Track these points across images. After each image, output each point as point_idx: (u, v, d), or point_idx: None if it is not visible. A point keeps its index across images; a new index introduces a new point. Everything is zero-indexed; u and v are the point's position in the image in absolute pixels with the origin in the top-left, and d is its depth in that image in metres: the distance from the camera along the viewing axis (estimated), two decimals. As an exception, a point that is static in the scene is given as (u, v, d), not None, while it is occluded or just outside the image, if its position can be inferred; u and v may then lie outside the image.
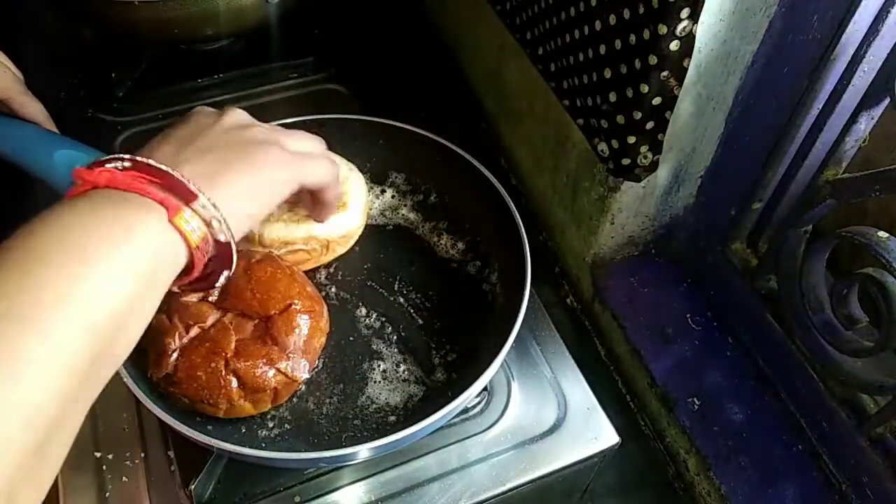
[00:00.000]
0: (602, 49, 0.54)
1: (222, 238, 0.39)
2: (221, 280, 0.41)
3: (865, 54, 0.46)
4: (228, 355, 0.51)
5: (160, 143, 0.41)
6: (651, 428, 0.68)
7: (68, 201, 0.36)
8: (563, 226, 0.76)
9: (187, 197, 0.37)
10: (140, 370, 0.52)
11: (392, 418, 0.55)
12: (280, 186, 0.44)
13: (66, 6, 0.78)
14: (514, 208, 0.60)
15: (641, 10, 0.48)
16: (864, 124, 0.49)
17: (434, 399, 0.54)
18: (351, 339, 0.59)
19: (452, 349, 0.59)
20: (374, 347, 0.59)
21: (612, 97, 0.55)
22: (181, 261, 0.38)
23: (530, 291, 0.55)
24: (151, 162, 0.37)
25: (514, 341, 0.52)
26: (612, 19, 0.51)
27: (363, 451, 0.48)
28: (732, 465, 0.59)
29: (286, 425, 0.54)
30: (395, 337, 0.60)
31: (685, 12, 0.46)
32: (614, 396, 0.71)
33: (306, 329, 0.53)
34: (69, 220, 0.34)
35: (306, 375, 0.54)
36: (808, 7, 0.49)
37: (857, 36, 0.47)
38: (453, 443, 0.58)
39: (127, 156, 0.38)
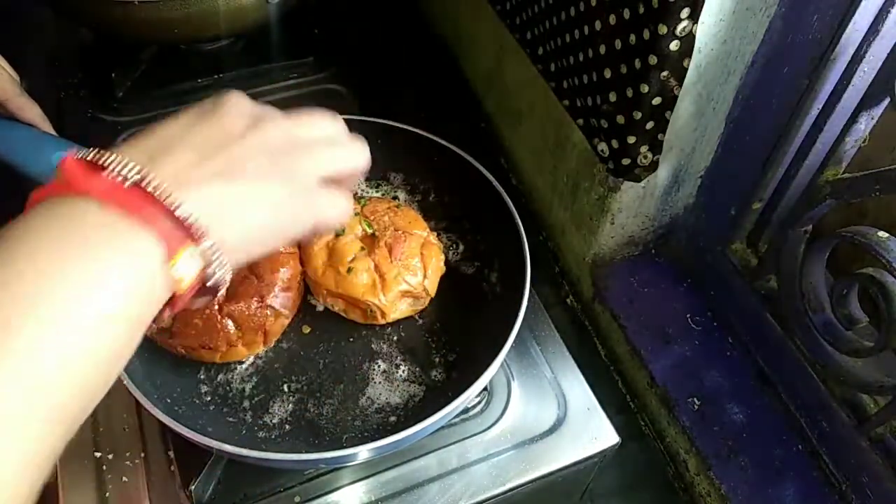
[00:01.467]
0: (602, 49, 0.54)
1: (212, 282, 0.34)
2: (199, 302, 0.37)
3: (865, 54, 0.46)
4: (221, 300, 0.53)
5: (176, 146, 0.34)
6: (651, 428, 0.68)
7: (48, 205, 0.30)
8: (563, 226, 0.76)
9: (193, 236, 0.32)
10: (139, 370, 0.52)
11: (392, 419, 0.55)
12: (293, 231, 0.38)
13: (66, 6, 0.78)
14: (514, 208, 0.60)
15: (641, 10, 0.48)
16: (864, 124, 0.49)
17: (434, 399, 0.54)
18: (351, 339, 0.59)
19: (452, 349, 0.59)
20: (375, 347, 0.59)
21: (612, 97, 0.55)
22: (164, 299, 0.32)
23: (530, 291, 0.55)
24: (161, 187, 0.31)
25: (514, 341, 0.52)
26: (612, 19, 0.51)
27: (364, 452, 0.48)
28: (732, 465, 0.59)
29: (286, 426, 0.54)
30: (395, 337, 0.60)
31: (685, 12, 0.46)
32: (614, 396, 0.71)
33: (289, 267, 0.57)
34: (47, 235, 0.29)
35: (290, 311, 0.57)
36: (808, 7, 0.49)
37: (857, 36, 0.47)
38: (453, 443, 0.58)
39: (134, 166, 0.31)
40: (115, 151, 0.32)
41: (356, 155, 0.42)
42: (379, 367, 0.57)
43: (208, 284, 0.34)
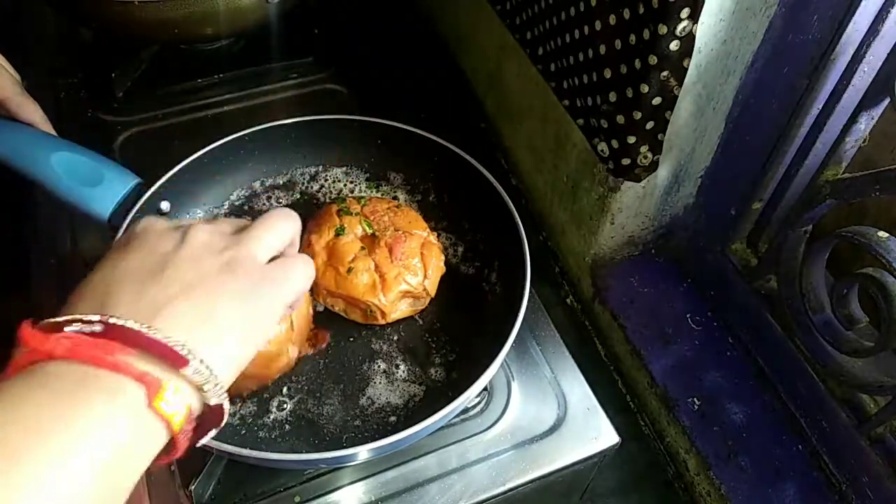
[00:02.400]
0: (602, 49, 0.54)
1: (213, 402, 0.32)
2: (206, 438, 0.34)
3: (865, 54, 0.46)
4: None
5: (118, 286, 0.33)
6: (651, 428, 0.68)
7: (15, 377, 0.29)
8: (563, 226, 0.76)
9: (175, 363, 0.30)
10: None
11: (393, 419, 0.55)
12: (273, 317, 0.36)
13: (66, 6, 0.78)
14: (514, 208, 0.60)
15: (641, 10, 0.48)
16: (864, 124, 0.49)
17: (434, 399, 0.54)
18: (351, 339, 0.59)
19: (452, 349, 0.59)
20: (375, 347, 0.59)
21: (612, 97, 0.55)
22: (160, 444, 0.31)
23: (530, 291, 0.55)
24: (128, 325, 0.30)
25: (514, 341, 0.52)
26: (612, 19, 0.51)
27: (364, 452, 0.48)
28: (732, 465, 0.59)
29: (286, 426, 0.54)
30: (395, 337, 0.60)
31: (685, 12, 0.46)
32: (614, 396, 0.71)
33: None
34: (12, 405, 0.27)
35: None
36: (808, 7, 0.49)
37: (857, 36, 0.47)
38: (453, 443, 0.58)
39: (94, 317, 0.30)
40: (65, 311, 0.31)
41: (285, 222, 0.40)
42: (379, 367, 0.57)
43: (211, 404, 0.32)
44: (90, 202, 0.56)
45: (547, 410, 0.60)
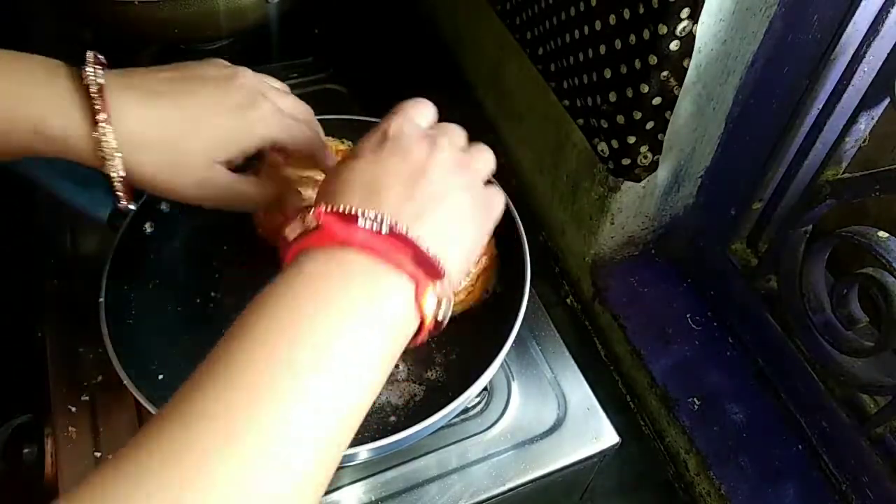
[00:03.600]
0: (602, 49, 0.54)
1: (441, 315, 0.36)
2: (423, 338, 0.39)
3: (865, 54, 0.46)
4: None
5: (385, 187, 0.36)
6: (651, 428, 0.68)
7: (319, 252, 0.34)
8: (563, 226, 0.76)
9: (434, 274, 0.35)
10: (140, 371, 0.52)
11: (393, 418, 0.55)
12: (482, 243, 0.41)
13: (66, 6, 0.78)
14: (514, 208, 0.60)
15: (641, 10, 0.48)
16: (864, 124, 0.49)
17: (434, 399, 0.54)
18: (351, 339, 0.59)
19: (452, 349, 0.59)
20: (374, 347, 0.59)
21: (612, 97, 0.55)
22: (412, 333, 0.36)
23: (530, 291, 0.55)
24: (409, 235, 0.34)
25: (514, 341, 0.52)
26: (612, 19, 0.51)
27: (364, 452, 0.48)
28: (732, 465, 0.59)
29: (286, 425, 0.54)
30: (395, 337, 0.59)
31: (685, 12, 0.46)
32: (614, 396, 0.71)
33: None
34: (324, 278, 0.33)
35: None
36: (808, 7, 0.49)
37: (857, 36, 0.47)
38: (453, 443, 0.58)
39: (379, 215, 0.34)
40: (336, 198, 0.36)
41: (490, 154, 0.44)
42: (379, 367, 0.57)
43: (439, 319, 0.36)
44: (89, 203, 0.56)
45: (547, 410, 0.60)
